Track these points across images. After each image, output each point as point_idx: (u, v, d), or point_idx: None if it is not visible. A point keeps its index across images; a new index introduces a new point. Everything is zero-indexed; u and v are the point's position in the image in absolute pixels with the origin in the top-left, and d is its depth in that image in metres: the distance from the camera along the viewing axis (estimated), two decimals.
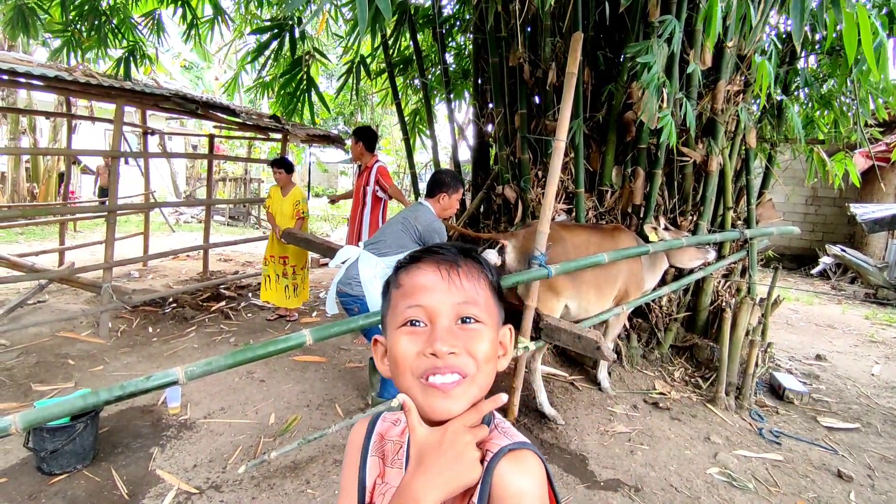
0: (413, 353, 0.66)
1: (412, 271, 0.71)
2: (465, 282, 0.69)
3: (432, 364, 0.64)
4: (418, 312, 0.68)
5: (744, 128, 3.87)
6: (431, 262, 0.70)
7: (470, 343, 0.66)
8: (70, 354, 3.80)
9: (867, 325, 6.28)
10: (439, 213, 2.99)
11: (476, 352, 0.66)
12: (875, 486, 2.71)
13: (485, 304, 0.70)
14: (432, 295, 0.68)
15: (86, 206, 9.00)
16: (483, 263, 0.73)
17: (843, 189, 4.83)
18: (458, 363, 0.65)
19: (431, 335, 0.66)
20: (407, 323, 0.68)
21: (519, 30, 3.86)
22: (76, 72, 4.30)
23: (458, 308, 0.67)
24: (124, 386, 1.68)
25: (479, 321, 0.68)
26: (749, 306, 3.59)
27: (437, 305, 0.67)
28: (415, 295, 0.68)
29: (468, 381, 0.66)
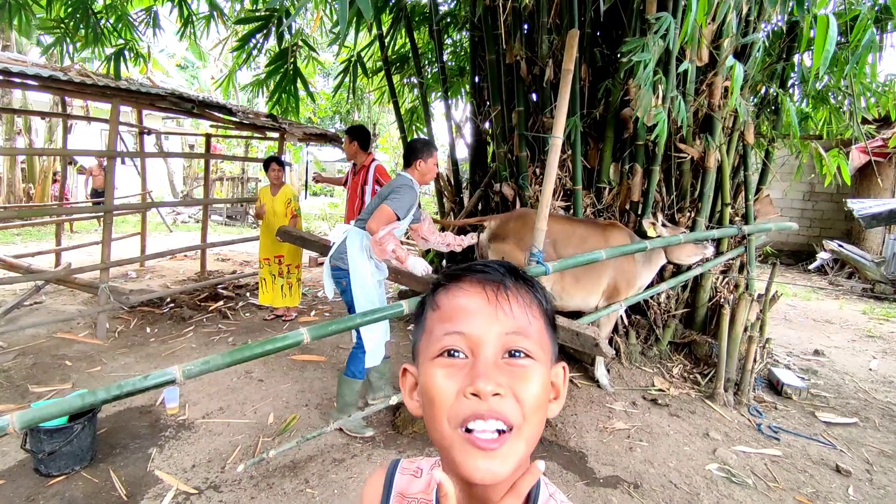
0: (452, 392, 0.54)
1: (453, 291, 0.60)
2: (515, 307, 0.58)
3: (473, 410, 0.53)
4: (458, 341, 0.56)
5: (742, 124, 3.87)
6: (475, 281, 0.59)
7: (518, 383, 0.54)
8: (67, 355, 3.79)
9: (865, 320, 6.29)
10: (419, 179, 2.93)
11: (525, 395, 0.54)
12: (873, 480, 2.72)
13: (538, 335, 0.58)
14: (476, 321, 0.56)
15: (83, 206, 8.97)
16: (536, 286, 0.62)
17: (839, 184, 4.83)
18: (503, 408, 0.53)
19: (473, 370, 0.54)
20: (444, 353, 0.56)
21: (515, 27, 3.85)
22: (71, 71, 4.27)
23: (506, 339, 0.56)
24: (122, 385, 1.67)
25: (530, 356, 0.57)
26: (747, 302, 3.60)
27: (481, 334, 0.56)
28: (455, 320, 0.57)
29: (515, 435, 0.54)
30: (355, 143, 4.29)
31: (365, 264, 2.88)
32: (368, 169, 4.29)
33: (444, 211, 5.30)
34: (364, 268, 2.88)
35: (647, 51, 2.72)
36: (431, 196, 10.59)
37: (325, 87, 15.75)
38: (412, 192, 2.85)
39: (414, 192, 2.87)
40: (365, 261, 2.89)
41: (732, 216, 4.09)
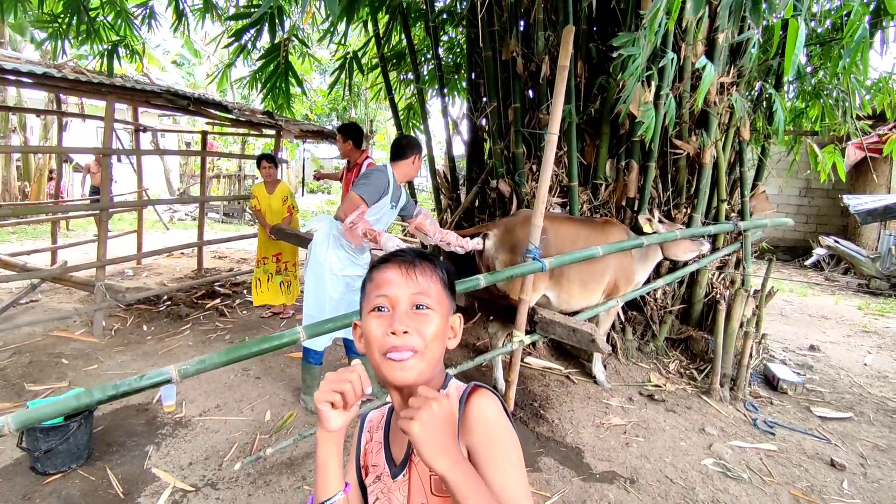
0: (380, 333, 0.83)
1: (381, 269, 0.89)
2: (419, 278, 0.86)
3: (392, 344, 0.81)
4: (383, 301, 0.85)
5: (738, 120, 3.87)
6: (395, 262, 0.88)
7: (421, 325, 0.83)
8: (64, 354, 3.78)
9: (860, 316, 6.32)
10: (401, 176, 2.94)
11: (425, 332, 0.83)
12: (867, 474, 2.74)
13: (436, 296, 0.87)
14: (393, 287, 0.85)
15: (78, 204, 8.93)
16: (436, 265, 0.90)
17: (835, 180, 4.84)
18: (411, 341, 0.82)
19: (392, 318, 0.83)
20: (375, 309, 0.85)
21: (511, 23, 3.84)
22: (65, 68, 4.25)
23: (413, 298, 0.85)
24: (118, 385, 1.67)
25: (429, 308, 0.85)
26: (743, 298, 3.61)
27: (397, 295, 0.85)
28: (381, 287, 0.86)
29: (418, 357, 0.82)
30: (349, 142, 4.29)
31: (329, 255, 2.89)
32: (361, 166, 4.29)
33: (441, 208, 5.29)
34: (325, 255, 2.89)
35: (638, 45, 2.72)
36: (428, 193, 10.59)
37: (322, 83, 15.69)
38: (382, 176, 2.80)
39: (384, 177, 2.81)
40: (330, 251, 2.89)
41: (728, 212, 4.10)
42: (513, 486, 0.76)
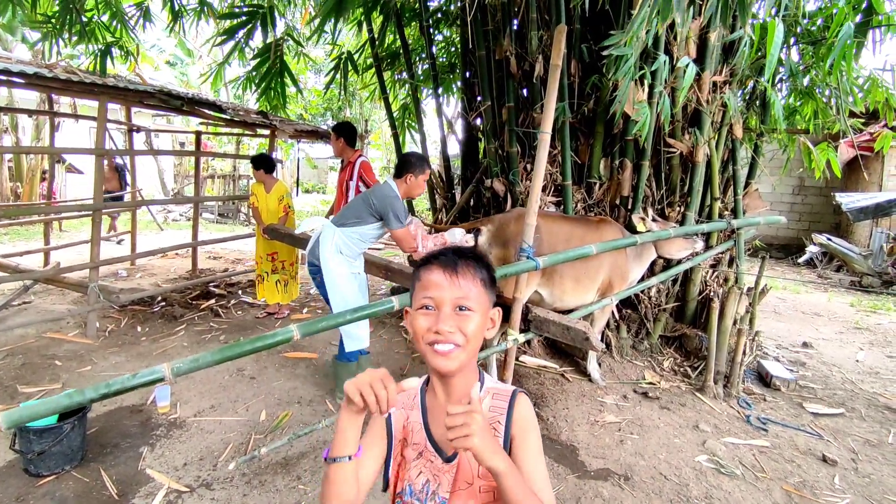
0: (425, 328, 0.94)
1: (428, 270, 0.98)
2: (461, 281, 0.95)
3: (435, 338, 0.93)
4: (429, 301, 0.95)
5: (730, 118, 3.89)
6: (439, 265, 0.97)
7: (463, 324, 0.94)
8: (57, 355, 3.76)
9: (852, 313, 6.37)
10: (405, 192, 3.09)
11: (466, 330, 0.94)
12: (858, 469, 2.76)
13: (476, 296, 0.96)
14: (438, 290, 0.95)
15: (71, 205, 8.88)
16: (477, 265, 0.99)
17: (828, 178, 4.88)
18: (453, 338, 0.93)
19: (437, 318, 0.93)
20: (422, 307, 0.96)
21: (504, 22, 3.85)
22: (56, 68, 4.22)
23: (455, 301, 0.94)
24: (110, 384, 1.67)
25: (470, 309, 0.95)
26: (737, 295, 3.63)
27: (441, 297, 0.94)
28: (428, 289, 0.96)
29: (460, 349, 0.94)
30: (341, 140, 4.30)
31: (336, 262, 3.03)
32: (354, 165, 4.30)
33: (436, 207, 5.30)
34: (335, 266, 3.03)
35: (630, 45, 2.73)
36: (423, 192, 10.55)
37: (317, 83, 15.66)
38: (393, 194, 3.01)
39: (395, 194, 3.02)
40: (335, 258, 3.04)
41: (722, 210, 4.12)
42: (540, 472, 0.94)
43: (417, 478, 0.97)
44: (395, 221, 2.97)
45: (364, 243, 3.13)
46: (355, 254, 3.12)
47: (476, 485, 0.94)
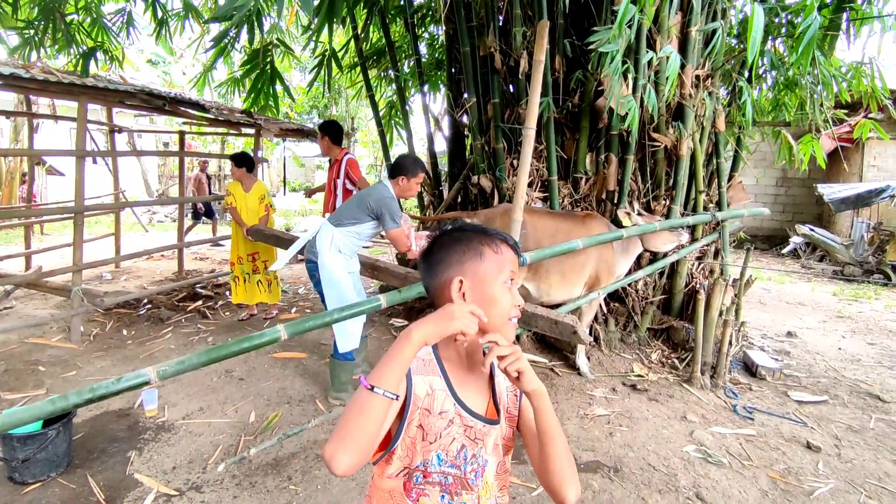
0: (510, 303, 0.97)
1: (502, 246, 1.00)
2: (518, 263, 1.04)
3: (517, 312, 0.99)
4: (511, 275, 0.99)
5: (711, 112, 3.93)
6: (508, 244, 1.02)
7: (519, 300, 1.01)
8: (41, 361, 3.70)
9: (835, 302, 6.49)
10: (399, 193, 3.16)
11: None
12: (841, 454, 2.82)
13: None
14: (515, 266, 1.01)
15: (52, 207, 8.72)
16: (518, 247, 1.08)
17: (811, 170, 4.96)
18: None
19: (514, 294, 0.99)
20: (506, 281, 0.98)
21: (488, 18, 3.84)
22: (33, 69, 4.14)
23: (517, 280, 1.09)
24: (94, 388, 1.64)
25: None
26: (722, 287, 3.68)
27: (517, 277, 1.02)
28: (512, 264, 1.00)
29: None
30: (326, 139, 4.28)
31: (333, 260, 3.07)
32: (341, 163, 4.28)
33: (424, 204, 5.29)
34: (333, 264, 3.07)
35: (615, 41, 2.74)
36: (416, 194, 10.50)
37: (302, 81, 15.52)
38: (388, 194, 3.08)
39: (390, 194, 3.09)
40: (334, 256, 3.07)
41: (706, 203, 4.17)
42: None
43: (451, 445, 0.93)
44: (390, 222, 3.04)
45: (361, 241, 3.19)
46: (353, 251, 3.19)
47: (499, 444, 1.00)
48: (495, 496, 0.99)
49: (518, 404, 1.04)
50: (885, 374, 4.03)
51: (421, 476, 0.93)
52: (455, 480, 0.94)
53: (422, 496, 0.93)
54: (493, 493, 0.98)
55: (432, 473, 0.93)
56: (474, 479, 0.95)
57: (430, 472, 0.93)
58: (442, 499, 0.93)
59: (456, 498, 0.94)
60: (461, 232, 1.03)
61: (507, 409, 1.03)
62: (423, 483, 0.93)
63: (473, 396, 0.98)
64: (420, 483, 0.93)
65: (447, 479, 0.93)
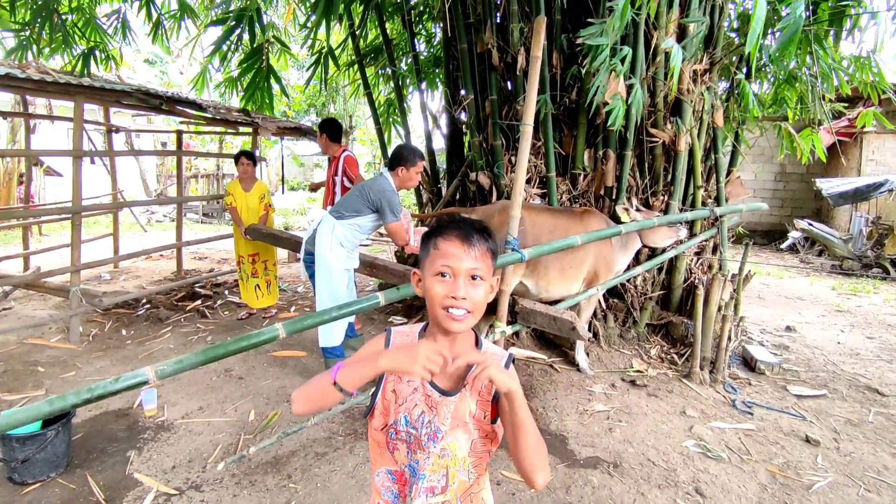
0: (441, 294, 1.02)
1: (446, 237, 1.04)
2: (476, 252, 1.03)
3: (452, 303, 1.01)
4: (446, 269, 1.02)
5: (709, 107, 3.92)
6: (457, 234, 1.04)
7: (474, 292, 1.03)
8: (40, 361, 3.70)
9: (834, 296, 6.50)
10: (399, 184, 3.18)
11: (477, 298, 1.03)
12: (840, 448, 2.83)
13: (486, 267, 1.05)
14: (455, 260, 1.02)
15: (50, 208, 8.71)
16: (488, 238, 1.08)
17: (810, 164, 4.96)
18: (466, 304, 1.02)
19: (453, 285, 1.02)
20: (439, 274, 1.03)
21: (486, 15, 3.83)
22: (29, 69, 4.12)
23: (469, 270, 1.02)
24: (93, 388, 1.64)
25: (482, 279, 1.04)
26: (721, 282, 3.67)
27: (458, 267, 1.02)
28: (446, 257, 1.03)
29: (471, 315, 1.03)
30: (325, 136, 4.30)
31: (332, 253, 3.08)
32: (339, 160, 4.28)
33: (423, 202, 5.29)
34: (332, 258, 3.08)
35: (605, 35, 2.74)
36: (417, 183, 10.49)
37: (299, 79, 15.49)
38: (388, 187, 3.10)
39: (390, 187, 3.11)
40: (334, 250, 3.09)
41: (705, 198, 4.17)
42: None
43: (413, 409, 1.07)
44: (390, 215, 3.06)
45: (362, 234, 3.21)
46: (353, 245, 3.21)
47: (468, 422, 1.06)
48: (467, 470, 1.08)
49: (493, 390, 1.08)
50: (884, 368, 4.04)
51: (394, 433, 1.08)
52: (414, 440, 1.06)
53: (395, 450, 1.08)
54: (464, 468, 1.07)
55: (401, 431, 1.07)
56: (426, 441, 1.05)
57: (400, 430, 1.07)
58: (407, 454, 1.07)
59: (414, 454, 1.06)
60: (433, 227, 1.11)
61: (479, 391, 1.07)
62: (395, 439, 1.07)
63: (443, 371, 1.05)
64: (393, 438, 1.08)
65: (410, 437, 1.06)
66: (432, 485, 1.06)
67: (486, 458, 1.10)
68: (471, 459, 1.08)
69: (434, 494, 1.06)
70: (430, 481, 1.06)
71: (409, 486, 1.07)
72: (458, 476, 1.07)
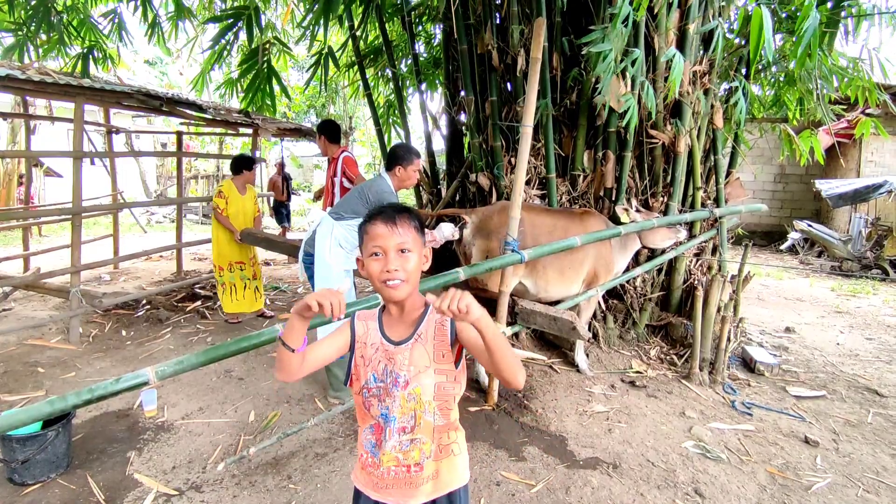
0: (377, 270, 1.18)
1: (373, 223, 1.20)
2: (400, 229, 1.19)
3: (386, 276, 1.17)
4: (377, 249, 1.19)
5: (708, 108, 3.93)
6: (382, 218, 1.20)
7: (405, 263, 1.18)
8: (40, 362, 3.70)
9: (833, 297, 6.50)
10: (397, 184, 3.17)
11: (409, 268, 1.19)
12: (839, 449, 2.83)
13: (413, 239, 1.20)
14: (383, 239, 1.18)
15: (50, 209, 8.72)
16: (411, 215, 1.23)
17: (809, 165, 4.97)
18: (399, 275, 1.17)
19: (385, 261, 1.18)
20: (372, 254, 1.19)
21: (486, 16, 3.83)
22: (30, 70, 4.13)
23: (398, 245, 1.18)
24: (93, 389, 1.65)
25: (410, 251, 1.19)
26: (720, 283, 3.68)
27: (386, 245, 1.18)
28: (375, 239, 1.19)
29: (405, 283, 1.19)
30: (323, 138, 4.30)
31: (331, 254, 3.07)
32: (338, 161, 4.29)
33: (422, 203, 5.29)
34: (331, 259, 3.07)
35: (608, 41, 2.74)
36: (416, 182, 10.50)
37: (299, 80, 15.49)
38: (386, 187, 3.08)
39: (396, 197, 3.11)
40: (334, 251, 3.07)
41: (704, 199, 4.17)
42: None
43: (378, 366, 1.22)
44: None
45: None
46: (353, 246, 3.18)
47: (432, 366, 1.20)
48: (433, 412, 1.22)
49: (447, 330, 1.22)
50: (883, 369, 4.04)
51: (367, 392, 1.23)
52: (382, 391, 1.21)
53: (370, 406, 1.23)
54: (430, 410, 1.21)
55: (371, 388, 1.22)
56: (392, 387, 1.20)
57: (370, 387, 1.22)
58: (378, 406, 1.21)
59: (384, 402, 1.21)
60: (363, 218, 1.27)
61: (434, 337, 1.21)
62: (368, 396, 1.22)
63: (398, 331, 1.24)
64: (367, 397, 1.23)
65: (379, 391, 1.21)
66: (402, 425, 1.21)
67: (451, 401, 1.24)
68: (436, 403, 1.22)
69: (405, 433, 1.21)
70: (401, 422, 1.20)
71: (383, 433, 1.21)
72: (424, 417, 1.21)
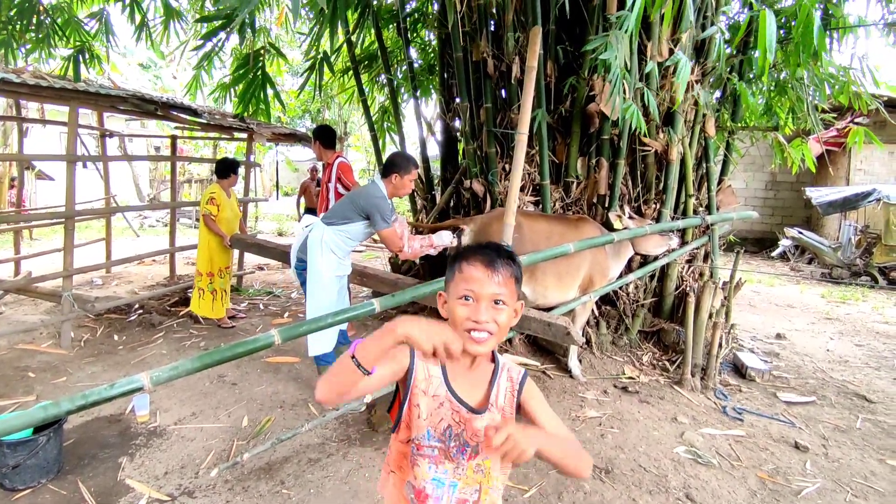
0: (464, 317, 1.05)
1: (470, 262, 1.08)
2: (500, 278, 1.06)
3: (474, 326, 1.05)
4: (470, 293, 1.06)
5: (702, 115, 3.98)
6: (482, 259, 1.07)
7: (497, 316, 1.06)
8: (30, 367, 3.67)
9: (823, 304, 6.57)
10: (392, 192, 3.15)
11: (500, 322, 1.06)
12: (829, 454, 2.86)
13: (510, 293, 1.08)
14: (479, 284, 1.05)
15: (42, 213, 8.65)
16: (513, 262, 1.10)
17: (800, 173, 5.03)
18: (489, 327, 1.05)
19: (476, 309, 1.05)
20: (463, 297, 1.06)
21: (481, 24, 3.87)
22: (24, 73, 4.12)
23: (493, 295, 1.05)
24: (87, 395, 1.64)
25: (504, 303, 1.07)
26: (711, 290, 3.72)
27: (481, 292, 1.05)
28: (469, 282, 1.06)
29: (492, 337, 1.07)
30: (318, 143, 4.32)
31: (323, 260, 3.07)
32: (333, 166, 4.30)
33: (416, 209, 5.31)
34: (323, 265, 3.07)
35: (612, 48, 2.76)
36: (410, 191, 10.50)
37: (294, 85, 15.51)
38: (379, 194, 3.07)
39: (381, 194, 3.08)
40: (325, 257, 3.07)
41: (696, 207, 4.22)
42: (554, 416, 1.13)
43: (439, 424, 1.09)
44: (381, 222, 3.03)
45: (353, 241, 3.19)
46: (345, 252, 3.18)
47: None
48: (497, 488, 1.13)
49: (514, 399, 1.12)
50: (872, 375, 4.09)
51: (416, 448, 1.10)
52: (439, 453, 1.09)
53: (416, 465, 1.10)
54: (496, 486, 1.12)
55: (424, 447, 1.09)
56: (455, 453, 1.09)
57: (423, 445, 1.09)
58: (429, 469, 1.09)
59: (439, 467, 1.09)
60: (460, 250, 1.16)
61: (502, 408, 1.11)
62: (416, 454, 1.10)
63: (467, 388, 1.11)
64: (416, 454, 1.10)
65: (434, 451, 1.09)
66: (464, 497, 1.10)
67: (507, 474, 1.17)
68: (501, 477, 1.14)
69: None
70: (463, 493, 1.09)
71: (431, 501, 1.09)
72: (490, 493, 1.11)
